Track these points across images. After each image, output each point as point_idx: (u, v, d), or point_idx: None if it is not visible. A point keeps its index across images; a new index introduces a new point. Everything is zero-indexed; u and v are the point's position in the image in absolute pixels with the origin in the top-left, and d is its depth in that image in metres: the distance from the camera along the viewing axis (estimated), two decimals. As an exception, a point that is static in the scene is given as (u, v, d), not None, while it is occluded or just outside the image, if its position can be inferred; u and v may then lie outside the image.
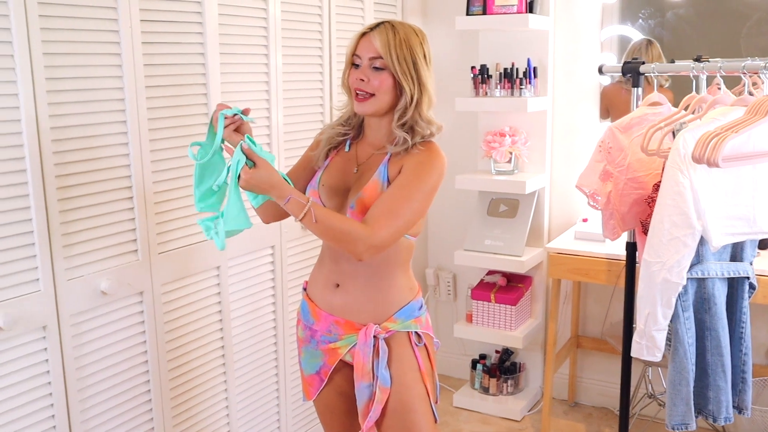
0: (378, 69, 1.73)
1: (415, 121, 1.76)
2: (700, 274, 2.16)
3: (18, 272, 1.86)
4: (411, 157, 1.76)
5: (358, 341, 1.83)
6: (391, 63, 1.71)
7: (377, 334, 1.82)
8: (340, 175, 1.85)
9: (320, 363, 1.92)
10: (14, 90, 1.80)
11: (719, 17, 2.99)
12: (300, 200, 1.66)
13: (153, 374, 2.25)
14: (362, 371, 1.82)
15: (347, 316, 1.85)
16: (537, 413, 3.36)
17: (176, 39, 2.22)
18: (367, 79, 1.73)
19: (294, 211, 1.67)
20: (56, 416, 1.98)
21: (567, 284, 3.34)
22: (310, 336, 1.93)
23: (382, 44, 1.71)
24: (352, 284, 1.85)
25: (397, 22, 1.76)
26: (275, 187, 1.66)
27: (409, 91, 1.73)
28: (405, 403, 1.83)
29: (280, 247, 2.70)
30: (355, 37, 1.78)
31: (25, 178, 1.85)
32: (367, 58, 1.73)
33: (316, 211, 1.66)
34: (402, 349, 1.85)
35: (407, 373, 1.84)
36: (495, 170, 3.26)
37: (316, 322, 1.90)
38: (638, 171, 2.40)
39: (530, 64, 3.15)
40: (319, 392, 1.96)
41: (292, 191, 1.67)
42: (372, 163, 1.83)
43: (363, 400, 1.84)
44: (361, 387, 1.83)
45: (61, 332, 1.97)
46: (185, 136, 2.28)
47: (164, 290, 2.26)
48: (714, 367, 2.21)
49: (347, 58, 1.80)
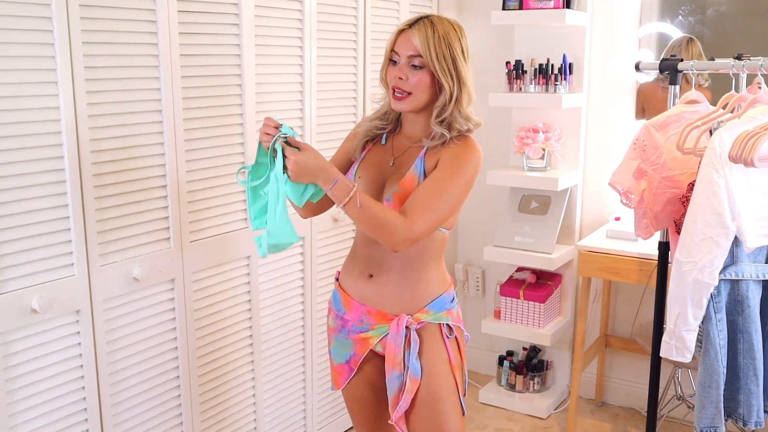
0: (416, 67, 1.72)
1: (454, 118, 1.75)
2: (734, 276, 2.13)
3: (53, 257, 1.90)
4: (447, 151, 1.76)
5: (390, 331, 1.84)
6: (430, 61, 1.70)
7: (409, 324, 1.83)
8: (376, 167, 1.86)
9: (350, 352, 1.93)
10: (53, 78, 1.84)
11: (762, 14, 2.92)
12: (347, 183, 1.65)
13: (182, 360, 2.28)
14: (393, 361, 1.84)
15: (380, 307, 1.86)
16: (563, 412, 3.34)
17: (212, 30, 2.24)
18: (406, 77, 1.73)
19: (340, 195, 1.65)
20: (87, 399, 2.02)
21: (597, 283, 3.31)
22: (341, 325, 1.94)
23: (421, 42, 1.70)
24: (385, 275, 1.86)
25: (435, 17, 1.74)
26: (324, 170, 1.64)
27: (449, 89, 1.72)
28: (434, 394, 1.83)
29: (311, 239, 2.71)
30: (393, 34, 1.77)
31: (63, 165, 1.89)
32: (406, 56, 1.73)
33: (360, 196, 1.66)
34: (433, 340, 1.86)
35: (437, 364, 1.85)
36: (527, 166, 3.24)
37: (348, 311, 1.91)
38: (673, 170, 2.36)
39: (566, 60, 3.12)
40: (348, 382, 1.97)
41: (339, 174, 1.66)
42: (408, 157, 1.83)
43: (393, 390, 1.85)
44: (391, 377, 1.84)
45: (94, 317, 2.01)
46: (219, 126, 2.30)
47: (195, 278, 2.29)
48: (746, 370, 2.17)
49: (386, 53, 1.79)
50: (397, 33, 1.76)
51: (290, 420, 2.77)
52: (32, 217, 1.84)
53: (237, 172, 1.75)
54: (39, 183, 1.85)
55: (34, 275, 1.87)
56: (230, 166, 2.36)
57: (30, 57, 1.79)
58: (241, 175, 1.74)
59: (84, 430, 2.03)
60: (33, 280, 1.86)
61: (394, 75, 1.74)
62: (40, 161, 1.84)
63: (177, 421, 2.30)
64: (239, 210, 2.43)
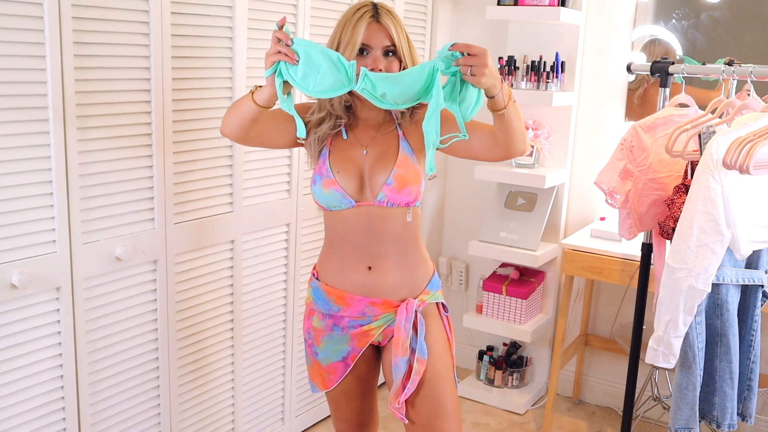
0: (388, 54, 1.78)
1: None
2: (715, 280, 2.14)
3: (35, 232, 1.89)
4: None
5: (396, 318, 1.86)
6: (401, 48, 1.78)
7: (417, 307, 1.87)
8: (350, 159, 1.84)
9: (348, 348, 1.92)
10: (42, 52, 1.82)
11: (755, 22, 2.94)
12: (506, 85, 1.66)
13: (161, 342, 2.28)
14: (401, 346, 1.84)
15: (385, 296, 1.88)
16: (540, 408, 3.36)
17: (205, 12, 2.23)
18: (383, 66, 1.76)
19: (506, 96, 1.64)
20: (65, 376, 2.01)
21: (579, 282, 3.32)
22: (332, 324, 1.92)
23: (394, 32, 1.76)
24: (385, 263, 1.87)
25: (382, 4, 1.79)
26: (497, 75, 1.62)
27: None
28: (437, 372, 1.87)
29: (296, 226, 2.71)
30: (355, 26, 1.74)
31: (48, 141, 1.87)
32: (381, 47, 1.76)
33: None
34: (434, 320, 1.91)
35: (438, 342, 1.90)
36: (515, 163, 3.24)
37: (344, 307, 1.89)
38: (659, 172, 2.37)
39: (558, 59, 3.13)
40: (341, 379, 1.95)
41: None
42: (381, 142, 1.85)
43: (399, 376, 1.85)
44: (398, 362, 1.85)
45: (74, 295, 2.00)
46: (208, 108, 2.29)
47: (178, 260, 2.28)
48: (722, 373, 2.19)
49: (351, 46, 1.74)
50: (364, 25, 1.74)
51: (269, 405, 2.77)
52: (15, 191, 1.83)
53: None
54: (23, 157, 1.83)
55: (15, 250, 1.85)
56: (217, 149, 2.35)
57: (18, 30, 1.77)
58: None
59: (60, 407, 2.02)
60: (14, 255, 1.85)
61: (369, 64, 1.74)
62: (25, 135, 1.83)
63: (155, 402, 2.30)
64: (225, 194, 2.42)
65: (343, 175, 1.83)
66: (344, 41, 1.75)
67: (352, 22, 1.75)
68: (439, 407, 1.85)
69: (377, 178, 1.82)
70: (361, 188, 1.83)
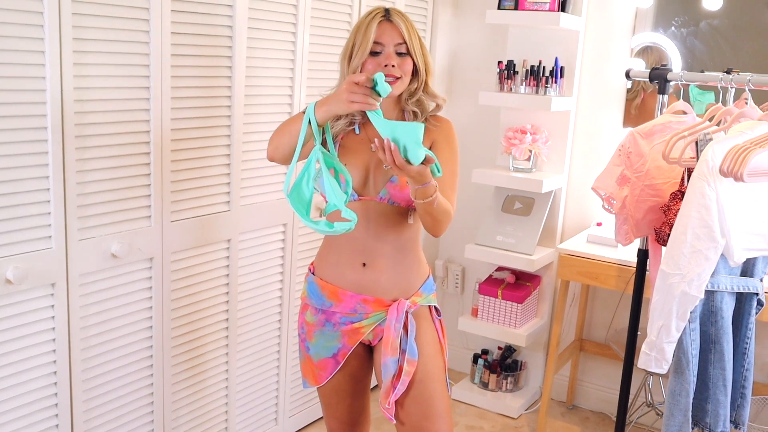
0: (400, 54, 1.82)
1: (424, 95, 1.90)
2: (710, 287, 2.14)
3: (31, 228, 1.89)
4: (439, 133, 1.89)
5: (388, 317, 1.87)
6: (412, 47, 1.83)
7: (408, 308, 1.88)
8: (357, 154, 1.88)
9: (338, 345, 1.93)
10: (41, 47, 1.82)
11: (754, 31, 2.94)
12: (433, 182, 1.68)
13: (156, 340, 2.27)
14: (391, 346, 1.85)
15: (377, 294, 1.89)
16: (534, 413, 3.36)
17: (205, 10, 2.23)
18: (396, 63, 1.81)
19: (429, 191, 1.67)
20: (58, 372, 2.01)
21: (575, 287, 3.33)
22: (324, 319, 1.93)
23: (405, 31, 1.81)
24: (380, 262, 1.88)
25: (394, 8, 1.86)
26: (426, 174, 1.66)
27: (423, 70, 1.87)
28: (429, 373, 1.88)
29: (292, 226, 2.71)
30: (370, 25, 1.80)
31: (45, 136, 1.87)
32: (393, 45, 1.80)
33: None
34: (426, 322, 1.93)
35: (430, 344, 1.91)
36: (513, 167, 3.24)
37: (337, 303, 1.91)
38: (656, 178, 2.38)
39: (557, 64, 3.13)
40: (331, 376, 1.96)
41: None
42: None
43: (389, 376, 1.86)
44: (387, 363, 1.86)
45: (69, 291, 1.99)
46: (207, 107, 2.29)
47: (174, 258, 2.28)
48: (715, 380, 2.20)
49: (363, 46, 1.80)
50: (375, 25, 1.80)
51: (262, 405, 2.77)
52: (11, 186, 1.83)
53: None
54: (20, 153, 1.83)
55: (11, 245, 1.85)
56: (216, 148, 2.35)
57: (17, 24, 1.77)
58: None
59: (53, 403, 2.02)
60: (9, 250, 1.85)
61: (382, 63, 1.80)
62: (23, 131, 1.83)
63: (148, 400, 2.30)
64: (222, 193, 2.42)
65: (349, 167, 1.85)
66: (357, 43, 1.81)
67: (365, 23, 1.82)
68: (429, 408, 1.86)
69: (381, 175, 1.85)
70: (365, 183, 1.87)
